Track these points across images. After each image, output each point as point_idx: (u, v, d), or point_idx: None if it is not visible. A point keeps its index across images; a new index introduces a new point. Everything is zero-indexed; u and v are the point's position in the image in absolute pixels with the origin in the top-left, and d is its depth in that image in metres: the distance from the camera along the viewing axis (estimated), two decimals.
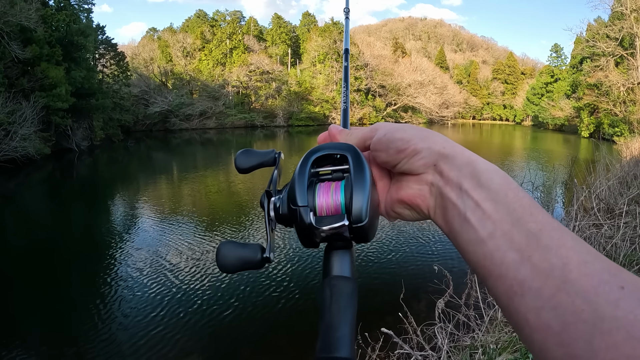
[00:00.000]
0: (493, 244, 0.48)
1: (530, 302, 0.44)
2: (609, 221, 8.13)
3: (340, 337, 0.50)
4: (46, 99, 29.30)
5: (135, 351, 6.64)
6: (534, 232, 0.47)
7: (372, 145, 0.65)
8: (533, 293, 0.44)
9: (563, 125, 66.30)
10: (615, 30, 45.34)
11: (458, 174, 0.56)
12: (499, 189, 0.53)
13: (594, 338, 0.39)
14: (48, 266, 10.54)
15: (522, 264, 0.46)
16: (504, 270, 0.47)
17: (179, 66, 68.01)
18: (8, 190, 20.63)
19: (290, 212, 0.59)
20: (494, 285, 0.48)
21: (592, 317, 0.40)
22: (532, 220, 0.48)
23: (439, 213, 0.58)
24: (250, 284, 8.99)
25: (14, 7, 26.53)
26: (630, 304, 0.39)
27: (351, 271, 0.56)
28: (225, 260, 0.58)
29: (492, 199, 0.52)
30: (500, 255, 0.47)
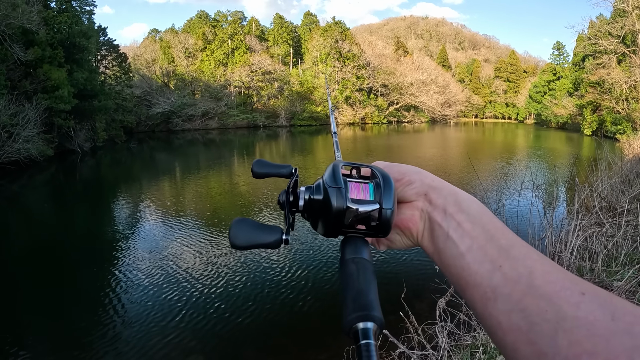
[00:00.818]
0: (471, 256, 0.57)
1: (501, 306, 0.51)
2: (610, 220, 8.14)
3: (371, 300, 0.54)
4: (49, 101, 29.35)
5: (139, 351, 6.66)
6: (504, 247, 0.56)
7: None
8: (504, 298, 0.52)
9: (566, 123, 66.04)
10: (617, 27, 45.17)
11: (444, 201, 0.66)
12: (476, 213, 0.63)
13: (557, 335, 0.45)
14: (52, 267, 10.57)
15: (494, 273, 0.54)
16: (479, 279, 0.55)
17: (181, 67, 68.04)
18: (11, 192, 20.68)
19: (325, 194, 0.66)
20: (471, 294, 0.57)
21: (554, 317, 0.46)
22: (503, 237, 0.58)
23: (427, 235, 0.67)
24: (253, 285, 9.01)
25: (16, 9, 26.56)
26: (590, 307, 0.45)
27: (370, 257, 0.65)
28: (240, 233, 0.65)
29: (471, 221, 0.61)
30: (476, 266, 0.56)
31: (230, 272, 9.67)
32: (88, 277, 9.97)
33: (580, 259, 6.51)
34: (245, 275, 9.50)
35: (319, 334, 7.02)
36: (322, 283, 8.92)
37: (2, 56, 26.36)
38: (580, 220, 7.48)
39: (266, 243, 0.65)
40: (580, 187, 9.01)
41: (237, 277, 9.38)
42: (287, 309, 8.05)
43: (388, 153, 34.71)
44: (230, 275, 9.51)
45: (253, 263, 10.20)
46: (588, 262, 6.38)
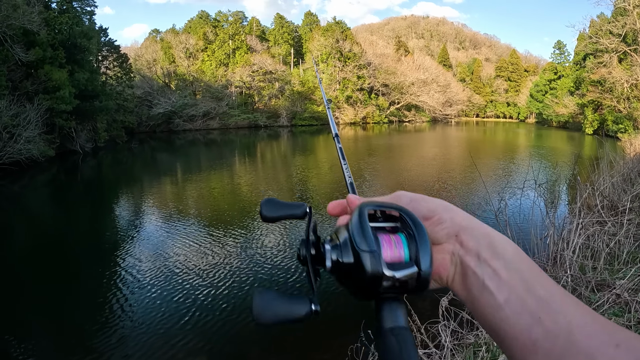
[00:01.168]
0: (509, 308, 0.54)
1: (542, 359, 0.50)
2: (612, 218, 8.13)
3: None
4: (50, 102, 29.36)
5: (144, 351, 6.66)
6: (543, 298, 0.53)
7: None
8: (544, 352, 0.50)
9: (567, 123, 66.05)
10: (618, 26, 45.14)
11: (476, 244, 0.61)
12: (512, 258, 0.58)
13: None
14: (54, 268, 10.58)
15: (533, 326, 0.52)
16: (517, 331, 0.53)
17: (182, 67, 68.06)
18: (13, 192, 20.70)
19: (356, 258, 0.58)
20: (509, 345, 0.54)
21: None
22: (541, 287, 0.55)
23: (458, 280, 0.63)
24: (257, 285, 9.01)
25: (17, 10, 26.59)
26: (624, 359, 0.45)
27: (407, 322, 0.59)
28: (268, 311, 0.56)
29: (507, 268, 0.57)
30: (515, 319, 0.54)
31: (233, 272, 9.68)
32: (91, 277, 9.98)
33: (583, 257, 6.51)
34: (248, 275, 9.51)
35: (322, 335, 7.02)
36: (326, 285, 8.92)
37: (3, 57, 26.39)
38: (583, 219, 7.48)
39: (294, 319, 0.57)
40: (582, 186, 9.01)
41: (240, 277, 9.39)
42: None
43: (389, 153, 34.72)
44: (233, 275, 9.52)
45: (257, 264, 10.21)
46: (590, 260, 6.38)
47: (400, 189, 0.70)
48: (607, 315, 4.36)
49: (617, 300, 4.84)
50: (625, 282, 5.08)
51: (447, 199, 1.42)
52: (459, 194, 17.52)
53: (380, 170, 24.54)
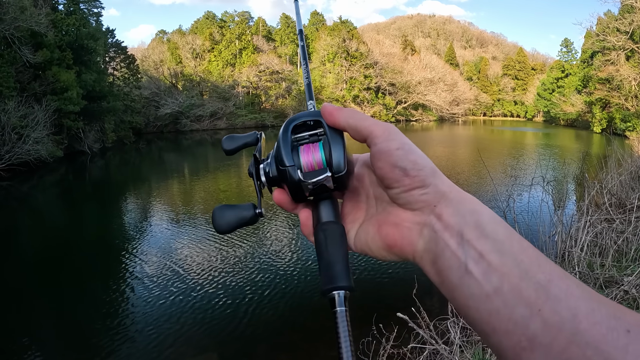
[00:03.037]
0: (500, 299, 0.45)
1: (540, 357, 0.42)
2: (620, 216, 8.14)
3: (340, 270, 0.57)
4: (58, 103, 29.48)
5: (152, 349, 6.70)
6: (542, 284, 0.44)
7: (378, 150, 0.59)
8: (544, 348, 0.42)
9: (575, 121, 65.87)
10: (626, 23, 45.01)
11: (460, 220, 0.52)
12: (504, 239, 0.49)
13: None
14: (63, 267, 10.65)
15: (531, 319, 0.43)
16: (511, 326, 0.44)
17: (188, 68, 68.13)
18: (22, 193, 20.82)
19: (279, 173, 0.65)
20: (499, 341, 0.45)
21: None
22: (540, 271, 0.45)
23: (428, 259, 0.53)
24: (265, 282, 9.06)
25: (24, 12, 26.71)
26: (637, 348, 0.38)
27: (337, 217, 0.63)
28: (222, 220, 0.66)
29: (499, 250, 0.48)
30: (509, 311, 0.44)
31: (241, 270, 9.71)
32: (99, 277, 10.05)
33: (591, 255, 6.52)
34: (256, 273, 9.55)
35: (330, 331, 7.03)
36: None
37: (12, 59, 26.52)
38: (591, 217, 7.49)
39: (245, 222, 0.67)
40: (590, 184, 9.02)
41: (248, 275, 9.43)
42: (299, 305, 8.09)
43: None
44: (241, 273, 9.55)
45: (264, 260, 10.25)
46: (598, 257, 6.39)
47: None
48: None
49: (625, 297, 4.86)
50: (633, 279, 5.09)
51: None
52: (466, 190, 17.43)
53: None
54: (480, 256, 0.48)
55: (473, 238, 0.49)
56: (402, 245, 0.57)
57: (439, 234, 0.52)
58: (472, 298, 0.47)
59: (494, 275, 0.46)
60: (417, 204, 0.55)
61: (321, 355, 6.52)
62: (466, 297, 0.48)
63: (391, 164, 0.57)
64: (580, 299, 0.43)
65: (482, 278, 0.47)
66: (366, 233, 0.62)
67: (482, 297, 0.46)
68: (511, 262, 0.46)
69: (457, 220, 0.52)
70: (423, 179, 0.55)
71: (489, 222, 0.51)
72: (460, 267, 0.49)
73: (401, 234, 0.57)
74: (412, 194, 0.56)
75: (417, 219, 0.56)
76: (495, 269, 0.46)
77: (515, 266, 0.46)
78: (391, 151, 0.57)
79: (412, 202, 0.56)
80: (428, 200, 0.55)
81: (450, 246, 0.50)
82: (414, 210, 0.56)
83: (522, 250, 0.48)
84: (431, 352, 4.62)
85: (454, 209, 0.53)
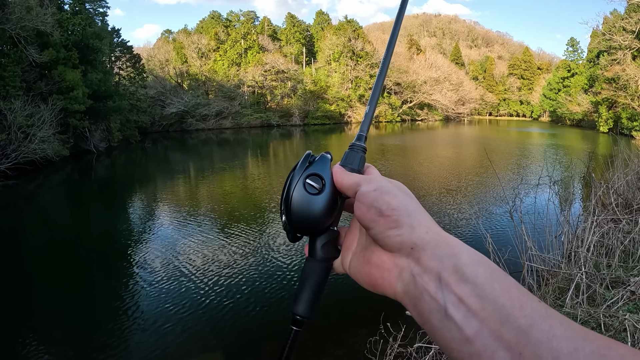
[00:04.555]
0: (480, 343, 0.46)
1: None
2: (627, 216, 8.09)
3: (304, 300, 0.72)
4: (63, 102, 29.56)
5: (158, 347, 6.70)
6: (523, 328, 0.44)
7: (359, 193, 0.62)
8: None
9: (581, 121, 65.77)
10: (632, 22, 44.86)
11: (438, 264, 0.52)
12: (484, 282, 0.49)
13: None
14: (69, 266, 10.68)
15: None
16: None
17: (194, 67, 68.24)
18: (28, 191, 20.87)
19: None
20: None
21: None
22: (521, 314, 0.46)
23: (409, 302, 0.55)
24: (271, 281, 9.05)
25: (30, 12, 26.78)
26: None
27: (315, 252, 0.73)
28: None
29: (479, 295, 0.48)
30: (489, 355, 0.45)
31: (247, 269, 9.71)
32: (104, 275, 10.06)
33: (597, 255, 6.49)
34: (262, 272, 9.54)
35: (337, 330, 7.04)
36: (339, 280, 8.92)
37: (18, 58, 26.60)
38: (597, 217, 7.46)
39: None
40: (596, 184, 8.98)
41: (254, 274, 9.43)
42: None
43: (402, 151, 34.59)
44: (247, 272, 9.55)
45: (270, 259, 10.25)
46: (605, 258, 6.36)
47: (412, 187, 0.65)
48: (622, 312, 4.34)
49: (631, 297, 4.82)
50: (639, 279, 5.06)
51: (461, 196, 1.38)
52: (473, 191, 17.48)
53: (393, 167, 24.45)
54: (460, 300, 0.48)
55: (452, 282, 0.49)
56: (383, 286, 0.58)
57: (417, 278, 0.53)
58: (453, 341, 0.48)
59: (474, 319, 0.47)
60: (394, 245, 0.56)
61: (328, 354, 6.51)
62: (447, 339, 0.48)
63: (367, 204, 0.59)
64: (562, 340, 0.43)
65: (462, 322, 0.47)
66: (355, 265, 0.66)
67: (463, 341, 0.47)
68: (491, 306, 0.47)
69: (435, 264, 0.52)
70: (396, 219, 0.56)
71: (469, 264, 0.51)
72: (440, 310, 0.49)
73: (382, 276, 0.58)
74: (387, 234, 0.56)
75: (396, 261, 0.56)
76: (475, 314, 0.47)
77: (495, 310, 0.46)
78: (369, 192, 0.60)
79: (389, 243, 0.57)
80: (404, 241, 0.55)
81: (429, 290, 0.51)
82: (393, 252, 0.57)
83: (503, 292, 0.48)
84: (437, 352, 4.61)
85: (432, 252, 0.53)
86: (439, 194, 16.73)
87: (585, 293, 5.14)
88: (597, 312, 4.51)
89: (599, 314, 4.43)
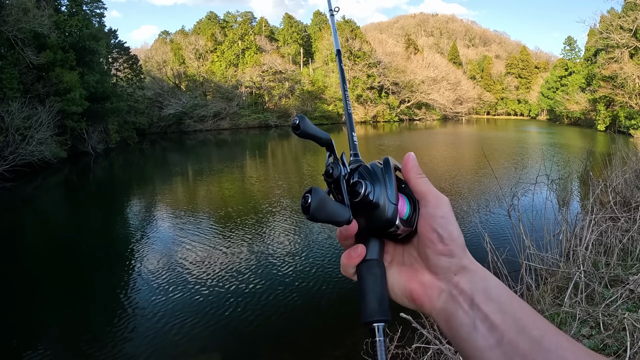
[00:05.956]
0: (501, 351, 0.56)
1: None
2: (625, 214, 8.08)
3: (381, 305, 0.67)
4: (61, 104, 29.56)
5: (156, 348, 6.70)
6: (536, 338, 0.55)
7: (427, 212, 0.68)
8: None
9: (579, 119, 65.75)
10: (629, 21, 44.90)
11: (473, 287, 0.62)
12: (506, 301, 0.60)
13: None
14: (67, 267, 10.67)
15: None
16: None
17: (192, 68, 68.30)
18: (26, 193, 20.84)
19: (383, 203, 0.68)
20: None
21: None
22: (535, 327, 0.56)
23: (443, 316, 0.63)
24: (269, 283, 9.05)
25: (27, 14, 26.79)
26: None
27: (381, 255, 0.72)
28: (320, 210, 0.61)
29: (501, 311, 0.58)
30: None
31: (245, 270, 9.71)
32: (103, 276, 10.06)
33: (596, 254, 6.47)
34: (260, 274, 9.54)
35: (334, 331, 7.03)
36: (337, 281, 8.92)
37: (15, 60, 26.61)
38: (595, 215, 7.44)
39: (336, 222, 0.65)
40: (594, 182, 8.97)
41: (252, 276, 9.42)
42: (303, 306, 8.08)
43: (401, 151, 34.59)
44: (245, 273, 9.55)
45: (269, 261, 10.24)
46: (603, 256, 6.34)
47: None
48: (621, 311, 4.34)
49: (630, 296, 4.82)
50: (638, 278, 5.05)
51: (460, 196, 1.37)
52: (471, 190, 17.48)
53: None
54: (486, 316, 0.58)
55: (481, 301, 0.60)
56: (423, 302, 0.66)
57: (455, 298, 0.62)
58: (478, 349, 0.58)
59: (496, 331, 0.57)
60: (440, 269, 0.65)
61: (326, 355, 6.51)
62: (473, 348, 0.58)
63: (432, 227, 0.66)
64: (568, 351, 0.54)
65: (487, 333, 0.57)
66: (394, 278, 0.71)
67: (486, 349, 0.57)
68: (510, 320, 0.57)
69: (470, 287, 0.62)
70: (452, 250, 0.64)
71: (495, 287, 0.62)
72: (470, 324, 0.59)
73: (425, 292, 0.66)
74: (440, 258, 0.65)
75: (437, 284, 0.65)
76: (498, 326, 0.57)
77: (513, 323, 0.57)
78: (436, 217, 0.67)
79: (436, 265, 0.65)
80: (450, 268, 0.64)
81: (463, 308, 0.60)
82: (436, 274, 0.65)
83: (521, 310, 0.59)
84: (435, 352, 4.59)
85: (469, 278, 0.63)
86: None
87: (584, 292, 5.13)
88: (595, 311, 4.50)
89: (597, 312, 4.43)
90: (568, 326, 4.39)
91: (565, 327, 4.41)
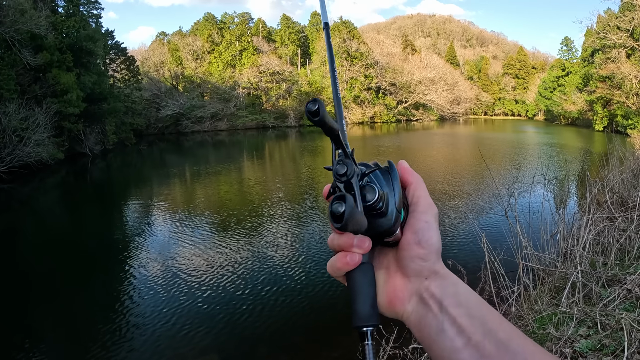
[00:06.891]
0: (467, 353, 0.57)
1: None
2: (622, 214, 8.09)
3: (371, 310, 0.67)
4: (58, 105, 29.50)
5: (154, 349, 6.69)
6: (503, 341, 0.57)
7: (413, 216, 0.70)
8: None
9: (576, 119, 65.95)
10: (626, 21, 45.00)
11: (442, 292, 0.64)
12: (474, 306, 0.62)
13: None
14: (64, 269, 10.65)
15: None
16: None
17: (189, 69, 68.23)
18: (23, 195, 20.81)
19: (388, 211, 0.68)
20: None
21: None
22: (501, 330, 0.58)
23: (414, 320, 0.66)
24: (266, 285, 9.04)
25: (24, 15, 26.75)
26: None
27: (371, 258, 0.71)
28: (354, 223, 0.61)
29: (468, 315, 0.60)
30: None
31: (243, 272, 9.70)
32: (100, 278, 10.05)
33: (593, 253, 6.48)
34: (258, 275, 9.53)
35: (331, 333, 7.03)
36: (334, 282, 8.91)
37: (12, 61, 26.56)
38: (593, 215, 7.46)
39: (362, 231, 0.66)
40: (591, 182, 8.99)
41: (250, 277, 9.41)
42: (301, 308, 8.07)
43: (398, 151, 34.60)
44: (243, 275, 9.54)
45: (266, 263, 10.23)
46: (601, 256, 6.35)
47: None
48: (618, 311, 4.34)
49: (628, 296, 4.81)
50: (636, 278, 5.05)
51: (457, 196, 1.36)
52: (468, 190, 17.49)
53: None
54: (454, 320, 0.60)
55: (450, 305, 0.62)
56: (396, 305, 0.68)
57: (425, 301, 0.64)
58: (446, 350, 0.59)
59: (464, 334, 0.59)
60: (413, 271, 0.67)
61: (323, 356, 6.50)
62: (441, 349, 0.60)
63: (414, 229, 0.68)
64: (535, 353, 0.56)
65: (454, 336, 0.59)
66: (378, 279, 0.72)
67: (453, 350, 0.59)
68: (478, 323, 0.59)
69: (440, 291, 0.64)
70: (427, 254, 0.66)
71: (464, 293, 0.64)
72: (438, 326, 0.61)
73: (396, 295, 0.68)
74: (414, 260, 0.67)
75: (409, 286, 0.67)
76: (465, 329, 0.59)
77: (480, 326, 0.59)
78: (420, 221, 0.69)
79: (410, 267, 0.67)
80: (422, 272, 0.66)
81: (433, 311, 0.63)
82: (408, 276, 0.68)
83: (488, 314, 0.61)
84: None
85: (440, 283, 0.65)
86: (433, 193, 16.70)
87: (582, 292, 5.13)
88: (593, 310, 4.50)
89: (595, 312, 4.42)
90: (565, 326, 4.38)
91: (563, 327, 4.41)
